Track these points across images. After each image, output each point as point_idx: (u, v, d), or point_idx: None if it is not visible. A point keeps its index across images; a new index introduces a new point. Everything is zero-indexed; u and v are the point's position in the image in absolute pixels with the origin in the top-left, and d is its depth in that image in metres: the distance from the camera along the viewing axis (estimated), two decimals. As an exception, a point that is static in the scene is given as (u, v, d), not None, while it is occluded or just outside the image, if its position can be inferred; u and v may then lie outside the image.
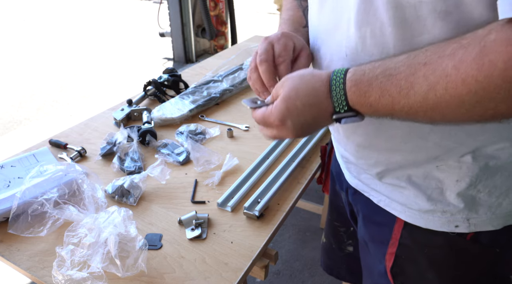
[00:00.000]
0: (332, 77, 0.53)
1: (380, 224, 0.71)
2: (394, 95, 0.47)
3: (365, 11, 0.53)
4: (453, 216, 0.62)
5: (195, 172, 1.06)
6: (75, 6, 7.61)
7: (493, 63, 0.39)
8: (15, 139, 3.08)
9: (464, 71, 0.41)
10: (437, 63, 0.44)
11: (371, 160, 0.66)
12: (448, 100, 0.43)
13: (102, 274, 0.72)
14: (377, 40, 0.54)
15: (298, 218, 2.15)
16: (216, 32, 4.30)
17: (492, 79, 0.39)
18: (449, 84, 0.42)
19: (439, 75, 0.43)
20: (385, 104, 0.49)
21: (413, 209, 0.64)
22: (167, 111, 1.30)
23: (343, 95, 0.52)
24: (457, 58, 0.42)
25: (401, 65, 0.47)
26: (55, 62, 4.75)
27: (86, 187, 0.88)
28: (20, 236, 0.84)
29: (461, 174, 0.59)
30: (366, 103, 0.50)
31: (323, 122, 0.56)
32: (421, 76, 0.45)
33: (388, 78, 0.48)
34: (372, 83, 0.49)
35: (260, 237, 0.85)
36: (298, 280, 1.81)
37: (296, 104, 0.55)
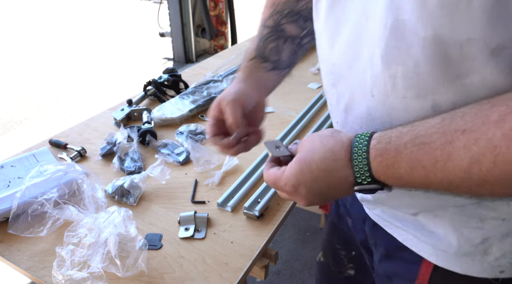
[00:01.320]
0: (354, 142, 0.47)
1: (406, 260, 0.62)
2: (428, 167, 0.40)
3: (396, 47, 0.45)
4: (498, 260, 0.52)
5: (195, 172, 1.06)
6: (75, 6, 7.61)
7: None
8: (15, 139, 3.08)
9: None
10: (480, 131, 0.36)
11: (403, 202, 0.57)
12: (498, 176, 0.36)
13: (102, 274, 0.72)
14: (412, 82, 0.45)
15: (298, 218, 2.15)
16: (216, 32, 4.30)
17: None
18: (499, 158, 0.36)
19: (484, 146, 0.36)
20: (418, 177, 0.42)
21: (447, 252, 0.55)
22: (167, 111, 1.30)
23: (366, 165, 0.45)
24: (508, 126, 0.35)
25: (434, 131, 0.40)
26: (55, 62, 4.75)
27: (86, 187, 0.88)
28: (20, 236, 0.84)
29: (510, 211, 0.50)
30: (395, 176, 0.43)
31: (342, 191, 0.49)
32: (461, 147, 0.38)
33: (419, 147, 0.41)
34: (400, 153, 0.42)
35: (260, 237, 0.85)
36: (298, 280, 1.81)
37: (311, 168, 0.48)
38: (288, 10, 0.75)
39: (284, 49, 0.75)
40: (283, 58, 0.75)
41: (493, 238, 0.51)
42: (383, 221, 0.64)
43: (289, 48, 0.76)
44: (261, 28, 0.77)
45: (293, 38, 0.75)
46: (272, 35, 0.75)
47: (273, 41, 0.75)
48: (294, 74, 1.68)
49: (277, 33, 0.75)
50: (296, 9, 0.76)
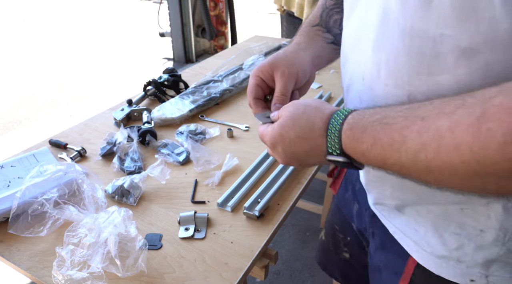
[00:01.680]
0: (333, 115, 0.49)
1: (396, 254, 0.65)
2: (385, 147, 0.42)
3: (383, 34, 0.48)
4: (470, 268, 0.54)
5: (195, 172, 1.06)
6: (75, 6, 7.61)
7: (491, 132, 0.33)
8: (15, 139, 3.08)
9: (459, 135, 0.35)
10: (433, 120, 0.38)
11: (386, 192, 0.61)
12: (440, 166, 0.37)
13: (102, 274, 0.72)
14: (391, 70, 0.48)
15: (298, 218, 2.15)
16: (216, 32, 4.30)
17: (488, 151, 0.33)
18: (441, 148, 0.36)
19: (432, 135, 0.37)
20: (377, 154, 0.43)
21: (426, 251, 0.58)
22: (167, 111, 1.30)
23: (337, 137, 0.47)
24: (455, 118, 0.36)
25: (400, 115, 0.42)
26: (55, 62, 4.75)
27: (86, 187, 0.88)
28: (20, 236, 0.84)
29: (488, 225, 0.50)
30: (358, 151, 0.45)
31: (316, 159, 0.52)
32: (415, 132, 0.39)
33: (383, 126, 0.42)
34: (366, 129, 0.44)
35: (260, 237, 0.85)
36: (298, 280, 1.81)
37: (290, 134, 0.52)
38: None
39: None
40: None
41: (468, 247, 0.52)
42: (378, 212, 0.67)
43: None
44: (323, 1, 0.75)
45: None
46: (337, 8, 0.73)
47: (337, 13, 0.72)
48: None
49: (341, 7, 0.70)
50: None
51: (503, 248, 0.51)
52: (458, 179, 0.37)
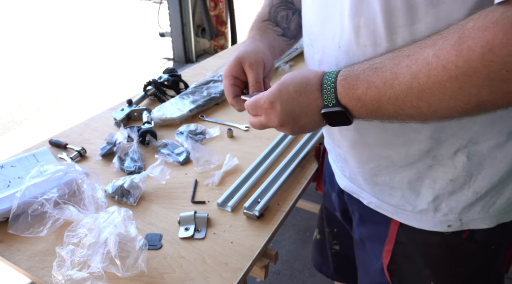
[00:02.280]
0: (326, 72, 0.55)
1: (376, 223, 0.72)
2: (380, 86, 0.48)
3: (359, 1, 0.54)
4: (446, 216, 0.62)
5: (195, 172, 1.06)
6: (75, 6, 7.61)
7: (471, 48, 0.40)
8: (15, 139, 3.08)
9: (444, 58, 0.42)
10: (419, 54, 0.45)
11: (363, 156, 0.66)
12: (431, 87, 0.44)
13: (102, 274, 0.72)
14: (370, 30, 0.54)
15: (298, 218, 2.15)
16: (216, 32, 4.30)
17: (471, 63, 0.40)
18: (431, 72, 0.43)
19: (421, 64, 0.44)
20: (372, 96, 0.49)
21: (406, 210, 0.65)
22: (167, 111, 1.30)
23: (332, 88, 0.53)
24: (437, 47, 0.43)
25: (386, 59, 0.49)
26: (55, 62, 4.75)
27: (86, 187, 0.88)
28: (20, 236, 0.84)
29: (456, 174, 0.59)
30: (354, 96, 0.51)
31: (311, 117, 0.56)
32: (405, 66, 0.46)
33: (374, 71, 0.49)
34: (359, 77, 0.50)
35: (260, 237, 0.85)
36: (298, 280, 1.81)
37: (288, 89, 0.56)
38: None
39: (293, 19, 0.80)
40: (291, 27, 0.80)
41: (442, 196, 0.61)
42: (351, 187, 0.74)
43: (297, 20, 0.80)
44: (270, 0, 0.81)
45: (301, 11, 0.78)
46: (282, 5, 0.80)
47: (283, 10, 0.79)
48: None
49: (286, 4, 0.80)
50: None
51: (470, 190, 0.59)
52: (447, 97, 0.43)
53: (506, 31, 0.38)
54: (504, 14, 0.39)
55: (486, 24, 0.39)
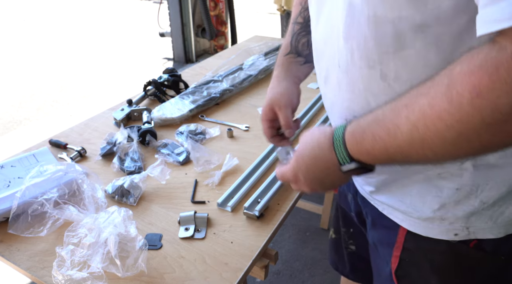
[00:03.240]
0: (335, 130, 0.56)
1: (387, 227, 0.72)
2: (384, 138, 0.49)
3: (351, 24, 0.56)
4: (452, 224, 0.61)
5: (195, 172, 1.06)
6: (75, 6, 7.61)
7: (460, 94, 0.40)
8: (15, 139, 3.08)
9: (438, 107, 0.42)
10: (415, 103, 0.45)
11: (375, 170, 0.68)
12: (431, 137, 0.44)
13: (102, 274, 0.72)
14: (362, 53, 0.56)
15: (298, 218, 2.15)
16: (216, 32, 4.30)
17: (463, 110, 0.40)
18: (428, 122, 0.43)
19: (418, 114, 0.45)
20: (379, 148, 0.50)
21: (413, 217, 0.65)
22: (167, 111, 1.30)
23: (343, 145, 0.54)
24: (431, 95, 0.43)
25: (387, 110, 0.49)
26: (55, 62, 4.75)
27: (86, 187, 0.88)
28: (20, 236, 0.84)
29: (462, 183, 0.58)
30: (364, 151, 0.52)
31: (335, 176, 0.57)
32: (404, 117, 0.46)
33: (377, 123, 0.50)
34: (365, 131, 0.51)
35: (260, 237, 0.85)
36: (298, 280, 1.81)
37: (304, 159, 0.59)
38: None
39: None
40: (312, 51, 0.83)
41: (448, 205, 0.60)
42: (367, 194, 0.74)
43: None
44: (292, 25, 0.86)
45: None
46: (303, 31, 0.84)
47: (304, 37, 0.83)
48: (294, 74, 1.68)
49: (307, 29, 0.82)
50: None
51: (476, 200, 0.58)
52: (449, 144, 0.43)
53: (491, 74, 0.38)
54: (487, 55, 0.39)
55: (472, 68, 0.39)
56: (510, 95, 0.37)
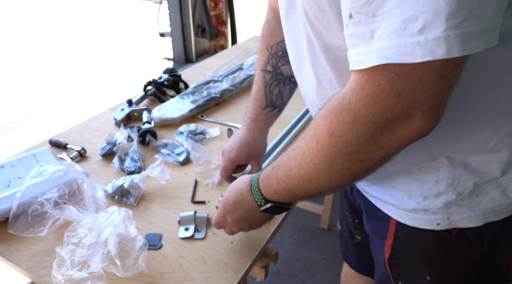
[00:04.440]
0: (252, 179, 0.68)
1: (379, 219, 0.75)
2: (284, 179, 0.60)
3: (312, 53, 0.64)
4: (434, 214, 0.65)
5: (195, 172, 1.06)
6: (75, 6, 7.61)
7: (321, 134, 0.51)
8: (15, 139, 3.08)
9: (311, 146, 0.53)
10: (298, 146, 0.57)
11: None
12: (313, 171, 0.54)
13: (102, 274, 0.72)
14: (326, 77, 0.64)
15: (298, 218, 2.15)
16: (216, 32, 4.30)
17: (325, 147, 0.51)
18: (307, 159, 0.54)
19: (300, 154, 0.56)
20: (283, 188, 0.61)
21: (401, 209, 0.69)
22: (167, 111, 1.30)
23: (258, 190, 0.66)
24: (307, 138, 0.54)
25: (284, 155, 0.61)
26: (56, 62, 4.75)
27: (86, 187, 0.88)
28: (20, 236, 0.84)
29: (440, 176, 0.62)
30: (273, 192, 0.63)
31: (257, 215, 0.69)
32: (293, 159, 0.58)
33: (278, 168, 0.61)
34: (270, 176, 0.63)
35: (260, 237, 0.85)
36: (298, 280, 1.81)
37: (229, 203, 0.71)
38: (281, 51, 0.90)
39: (285, 91, 0.92)
40: (285, 99, 0.93)
41: (430, 197, 0.65)
42: (361, 188, 0.79)
43: (288, 88, 0.92)
44: (263, 73, 0.92)
45: (290, 78, 0.91)
46: (274, 80, 0.91)
47: (276, 86, 0.91)
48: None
49: (277, 77, 0.91)
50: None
51: (454, 192, 0.62)
52: (327, 176, 0.54)
53: (337, 116, 0.48)
54: (335, 101, 0.49)
55: (327, 113, 0.50)
56: (353, 132, 0.47)
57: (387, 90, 0.44)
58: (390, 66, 0.43)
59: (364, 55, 0.44)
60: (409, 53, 0.41)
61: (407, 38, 0.41)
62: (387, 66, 0.43)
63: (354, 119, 0.47)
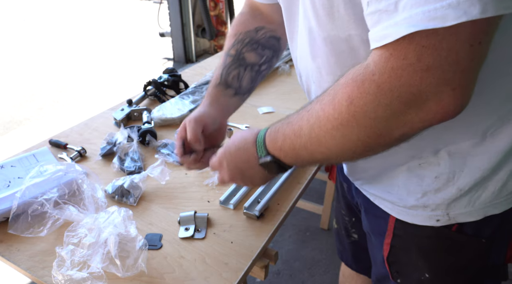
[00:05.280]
0: (260, 131, 0.66)
1: (378, 217, 0.76)
2: (292, 137, 0.58)
3: (314, 45, 0.63)
4: (434, 211, 0.66)
5: (195, 172, 1.06)
6: (75, 6, 7.61)
7: (340, 102, 0.49)
8: (15, 139, 3.08)
9: (327, 111, 0.51)
10: (314, 108, 0.54)
11: (358, 168, 0.74)
12: (324, 136, 0.52)
13: (102, 274, 0.72)
14: (328, 70, 0.63)
15: (298, 218, 2.15)
16: (216, 32, 4.30)
17: (342, 115, 0.49)
18: (321, 123, 0.52)
19: (314, 117, 0.54)
20: (289, 145, 0.59)
21: (400, 206, 0.69)
22: (167, 111, 1.30)
23: (262, 142, 0.64)
24: (323, 102, 0.52)
25: (296, 114, 0.59)
26: (55, 62, 4.75)
27: (86, 187, 0.88)
28: (20, 236, 0.84)
29: (440, 171, 0.63)
30: (277, 147, 0.61)
31: (253, 169, 0.67)
32: (305, 120, 0.55)
33: (287, 125, 0.59)
34: (278, 131, 0.61)
35: (260, 237, 0.85)
36: (298, 280, 1.81)
37: (231, 149, 0.69)
38: (248, 39, 0.88)
39: (244, 76, 0.88)
40: (243, 84, 0.89)
41: (429, 193, 0.65)
42: (359, 185, 0.79)
43: (249, 75, 0.89)
44: (225, 57, 0.89)
45: (253, 65, 0.89)
46: (234, 64, 0.88)
47: (235, 69, 0.87)
48: (293, 74, 1.68)
49: (238, 61, 0.88)
50: (255, 38, 0.88)
51: (454, 187, 0.63)
52: (338, 143, 0.52)
53: (359, 86, 0.46)
54: (357, 71, 0.47)
55: (347, 81, 0.48)
56: (374, 105, 0.45)
57: (413, 63, 0.42)
58: (417, 38, 0.41)
59: (390, 28, 0.43)
60: (440, 17, 0.39)
61: (437, 2, 0.39)
62: (413, 38, 0.41)
63: (376, 91, 0.45)
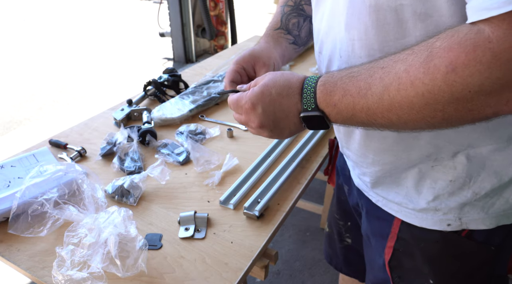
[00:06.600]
0: (307, 78, 0.58)
1: (381, 219, 0.73)
2: (354, 95, 0.50)
3: (352, 15, 0.56)
4: (446, 215, 0.63)
5: (195, 172, 1.06)
6: (75, 6, 7.61)
7: (436, 67, 0.42)
8: (15, 139, 3.08)
9: (413, 74, 0.44)
10: (391, 67, 0.47)
11: (368, 159, 0.69)
12: (400, 101, 0.46)
13: (102, 274, 0.72)
14: (363, 43, 0.57)
15: (298, 218, 2.15)
16: (216, 32, 4.30)
17: (436, 82, 0.42)
18: (401, 86, 0.45)
19: (392, 77, 0.46)
20: (347, 103, 0.51)
21: (408, 208, 0.67)
22: (167, 111, 1.30)
23: (312, 93, 0.55)
24: (408, 62, 0.45)
25: (363, 68, 0.51)
26: (55, 62, 4.75)
27: (86, 187, 0.88)
28: (20, 236, 0.84)
29: (456, 175, 0.60)
30: (331, 102, 0.53)
31: (290, 121, 0.58)
32: (378, 78, 0.48)
33: (350, 79, 0.51)
34: (337, 84, 0.53)
35: (260, 237, 0.85)
36: (298, 280, 1.81)
37: (271, 92, 0.58)
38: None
39: (304, 26, 0.82)
40: (302, 34, 0.82)
41: (442, 196, 0.62)
42: (362, 185, 0.76)
43: (307, 26, 0.83)
44: (281, 7, 0.83)
45: (311, 18, 0.80)
46: (294, 12, 0.82)
47: (295, 18, 0.81)
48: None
49: (298, 11, 0.82)
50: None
51: (469, 191, 0.60)
52: (415, 111, 0.46)
53: (468, 52, 0.40)
54: (467, 35, 0.41)
55: (451, 45, 0.42)
56: (482, 75, 0.39)
57: None
58: None
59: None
60: None
61: None
62: None
63: (490, 61, 0.39)
